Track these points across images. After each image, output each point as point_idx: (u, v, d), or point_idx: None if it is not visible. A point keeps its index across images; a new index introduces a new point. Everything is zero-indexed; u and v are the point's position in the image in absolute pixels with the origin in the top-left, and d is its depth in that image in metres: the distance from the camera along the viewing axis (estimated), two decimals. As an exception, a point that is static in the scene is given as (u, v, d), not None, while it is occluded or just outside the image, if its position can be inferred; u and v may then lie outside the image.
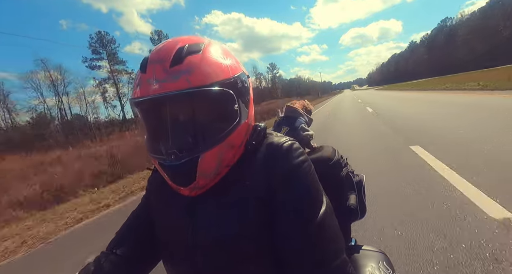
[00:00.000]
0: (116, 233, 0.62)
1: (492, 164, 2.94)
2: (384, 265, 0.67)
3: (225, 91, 0.48)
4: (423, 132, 5.35)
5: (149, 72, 0.46)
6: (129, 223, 0.63)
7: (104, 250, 0.60)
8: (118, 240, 0.60)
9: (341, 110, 15.96)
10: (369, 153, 4.61)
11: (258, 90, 64.25)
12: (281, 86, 73.12)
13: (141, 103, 0.48)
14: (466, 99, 10.59)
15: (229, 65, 0.51)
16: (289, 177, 0.49)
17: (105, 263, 0.55)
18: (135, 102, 0.48)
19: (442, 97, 13.69)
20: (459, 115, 6.79)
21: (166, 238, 0.56)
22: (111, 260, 0.56)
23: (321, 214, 0.48)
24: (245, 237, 0.48)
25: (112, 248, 0.59)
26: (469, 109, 7.57)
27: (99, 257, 0.58)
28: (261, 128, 0.56)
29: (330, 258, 0.46)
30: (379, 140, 5.53)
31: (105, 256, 0.57)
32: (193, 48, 0.48)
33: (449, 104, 9.98)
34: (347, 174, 0.79)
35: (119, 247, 0.58)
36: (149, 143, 0.53)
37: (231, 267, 0.49)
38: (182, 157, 0.47)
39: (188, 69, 0.45)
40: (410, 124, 6.64)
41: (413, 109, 10.30)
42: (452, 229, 1.88)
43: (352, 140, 6.19)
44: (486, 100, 9.26)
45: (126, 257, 0.57)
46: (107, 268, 0.55)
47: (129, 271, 0.57)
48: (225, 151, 0.49)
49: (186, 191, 0.50)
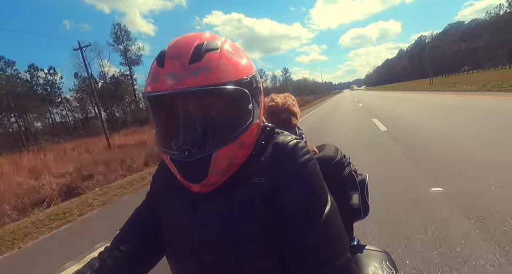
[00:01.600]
0: (120, 230, 0.62)
1: (389, 118, 8.66)
2: (387, 265, 0.66)
3: (241, 91, 0.48)
4: (380, 112, 11.14)
5: (168, 67, 0.46)
6: (133, 219, 0.62)
7: (108, 246, 0.60)
8: (122, 236, 0.60)
9: (341, 102, 29.54)
10: (350, 118, 10.96)
11: (273, 89, 73.85)
12: (291, 87, 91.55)
13: (157, 98, 0.47)
14: (421, 96, 18.06)
15: (245, 64, 0.51)
16: (294, 176, 0.50)
17: (109, 259, 0.56)
18: (152, 96, 0.47)
19: (409, 95, 21.91)
20: (400, 105, 13.70)
21: (170, 235, 0.56)
22: (115, 255, 0.57)
23: (326, 213, 0.48)
24: (250, 235, 0.48)
25: (116, 244, 0.59)
26: (407, 101, 15.17)
27: (102, 253, 0.58)
28: (270, 128, 0.57)
29: (334, 257, 0.46)
30: (357, 115, 11.98)
31: (109, 252, 0.57)
32: (211, 46, 0.48)
33: (408, 100, 16.82)
34: (349, 173, 0.79)
35: (123, 243, 0.58)
36: (161, 138, 0.52)
37: (236, 265, 0.49)
38: (196, 154, 0.46)
39: (207, 66, 0.45)
40: (376, 108, 13.54)
41: (382, 101, 19.19)
42: (368, 133, 6.53)
43: (343, 111, 14.82)
44: (429, 96, 16.43)
45: (130, 253, 0.57)
46: (111, 264, 0.55)
47: (133, 266, 0.58)
48: (237, 149, 0.49)
49: (197, 188, 0.50)
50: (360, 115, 11.50)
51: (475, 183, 2.61)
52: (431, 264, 1.60)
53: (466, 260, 1.58)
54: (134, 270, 0.58)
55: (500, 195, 2.31)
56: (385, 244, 1.85)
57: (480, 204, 2.19)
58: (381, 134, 6.08)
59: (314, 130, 8.52)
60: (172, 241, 0.56)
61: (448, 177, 2.87)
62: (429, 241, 1.83)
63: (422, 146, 4.40)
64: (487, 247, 1.67)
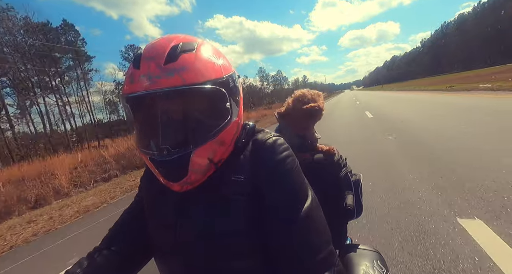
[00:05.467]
0: (109, 230, 0.62)
1: (373, 108, 12.54)
2: (378, 264, 0.67)
3: (218, 90, 0.48)
4: (371, 106, 14.50)
5: (143, 68, 0.45)
6: (122, 220, 0.62)
7: (97, 246, 0.60)
8: (112, 236, 0.60)
9: (343, 98, 39.01)
10: (347, 102, 20.62)
11: (287, 90, 79.54)
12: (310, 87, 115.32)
13: (134, 99, 0.47)
14: (408, 95, 20.84)
15: (222, 64, 0.51)
16: (273, 173, 0.50)
17: (98, 258, 0.55)
18: (128, 98, 0.47)
19: (396, 94, 26.22)
20: (389, 102, 16.27)
21: (156, 235, 0.56)
22: (104, 255, 0.56)
23: (306, 208, 0.48)
24: (232, 232, 0.48)
25: (106, 244, 0.59)
26: (395, 101, 16.96)
27: (92, 252, 0.58)
28: (250, 127, 0.57)
29: (317, 250, 0.46)
30: (353, 106, 16.43)
31: (98, 251, 0.57)
32: (187, 47, 0.48)
33: (393, 98, 19.84)
34: (345, 175, 0.79)
35: (113, 244, 0.58)
36: (140, 139, 0.52)
37: (221, 263, 0.49)
38: (175, 152, 0.46)
39: (182, 67, 0.45)
40: (361, 98, 26.79)
41: (365, 94, 37.60)
42: (360, 118, 9.41)
43: (344, 100, 26.55)
44: (412, 95, 19.84)
45: (119, 252, 0.57)
46: (100, 263, 0.55)
47: (122, 266, 0.57)
48: (216, 147, 0.49)
49: (177, 186, 0.49)
50: (352, 100, 25.00)
51: (402, 128, 5.83)
52: (379, 157, 4.06)
53: (386, 153, 4.08)
54: (123, 269, 0.58)
55: (409, 129, 5.67)
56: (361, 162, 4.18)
57: (408, 140, 4.76)
58: (358, 105, 12.25)
59: (330, 106, 15.54)
60: (157, 241, 0.56)
61: (395, 131, 5.50)
62: (377, 151, 4.33)
63: (379, 110, 7.79)
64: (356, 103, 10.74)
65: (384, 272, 0.65)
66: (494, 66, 50.50)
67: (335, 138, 5.83)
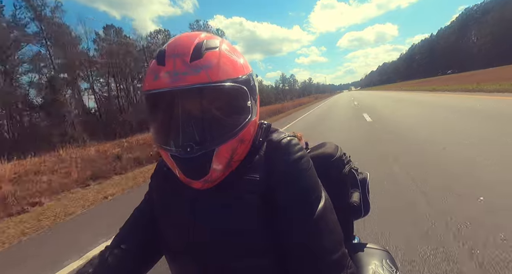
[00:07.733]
0: (120, 229, 0.62)
1: (370, 109, 13.32)
2: (388, 263, 0.65)
3: (241, 88, 0.48)
4: (368, 108, 14.09)
5: (169, 64, 0.45)
6: (133, 219, 0.63)
7: (108, 245, 0.60)
8: (123, 235, 0.60)
9: (342, 96, 47.98)
10: (345, 109, 15.93)
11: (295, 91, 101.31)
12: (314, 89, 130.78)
13: (159, 95, 0.47)
14: (399, 94, 24.12)
15: (243, 63, 0.52)
16: (287, 173, 0.50)
17: (109, 257, 0.56)
18: (154, 94, 0.47)
19: (390, 93, 30.10)
20: (367, 92, 26.02)
21: (169, 234, 0.56)
22: (115, 254, 0.56)
23: (320, 209, 0.48)
24: (248, 232, 0.48)
25: (117, 243, 0.59)
26: (383, 98, 21.26)
27: (103, 251, 0.58)
28: (266, 126, 0.58)
29: (329, 252, 0.46)
30: (351, 107, 16.68)
31: (110, 251, 0.57)
32: (211, 44, 0.48)
33: (385, 97, 22.68)
34: (349, 171, 0.78)
35: (123, 243, 0.59)
36: (160, 135, 0.51)
37: (234, 263, 0.49)
38: (199, 150, 0.46)
39: (208, 64, 0.45)
40: (356, 96, 34.70)
41: (361, 93, 48.12)
42: (359, 123, 8.61)
43: (342, 101, 26.72)
44: (399, 94, 23.85)
45: (130, 251, 0.58)
46: (112, 262, 0.55)
47: (133, 265, 0.58)
48: (237, 146, 0.49)
49: (198, 184, 0.49)
50: (348, 98, 29.67)
51: (389, 120, 8.20)
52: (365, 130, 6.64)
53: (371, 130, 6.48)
54: (134, 268, 0.58)
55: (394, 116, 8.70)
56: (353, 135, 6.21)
57: (386, 124, 7.43)
58: (353, 99, 20.19)
59: (330, 102, 20.72)
60: (170, 240, 0.55)
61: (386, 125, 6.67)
62: (368, 131, 6.57)
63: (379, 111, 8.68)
64: (353, 103, 15.65)
65: (394, 271, 0.64)
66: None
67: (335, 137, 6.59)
